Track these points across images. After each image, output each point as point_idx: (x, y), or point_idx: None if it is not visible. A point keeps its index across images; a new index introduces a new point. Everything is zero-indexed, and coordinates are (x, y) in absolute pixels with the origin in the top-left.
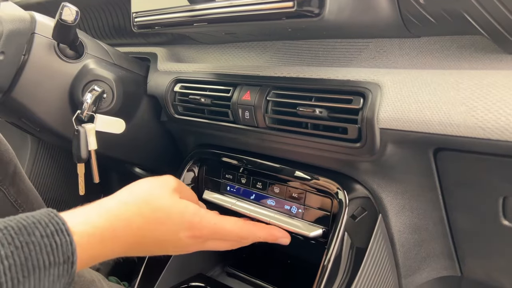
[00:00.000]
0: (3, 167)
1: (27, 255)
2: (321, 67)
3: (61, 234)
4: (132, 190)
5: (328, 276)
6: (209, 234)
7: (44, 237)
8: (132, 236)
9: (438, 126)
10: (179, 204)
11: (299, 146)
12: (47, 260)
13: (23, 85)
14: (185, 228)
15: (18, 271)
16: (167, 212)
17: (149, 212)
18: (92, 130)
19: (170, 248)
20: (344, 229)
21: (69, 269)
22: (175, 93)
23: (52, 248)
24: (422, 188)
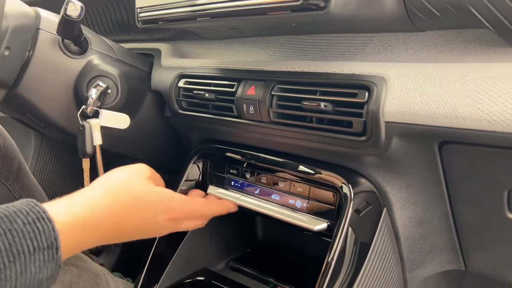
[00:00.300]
0: (8, 163)
1: (11, 241)
2: (326, 61)
3: (42, 221)
4: (110, 179)
5: (333, 270)
6: (183, 215)
7: (26, 224)
8: (113, 223)
9: (443, 119)
10: (156, 190)
11: (303, 140)
12: (31, 245)
13: (28, 80)
14: (162, 211)
15: (4, 256)
16: (145, 198)
17: (128, 200)
18: (97, 125)
19: (148, 231)
20: (349, 223)
21: (54, 254)
22: (179, 89)
23: (35, 234)
24: (427, 181)
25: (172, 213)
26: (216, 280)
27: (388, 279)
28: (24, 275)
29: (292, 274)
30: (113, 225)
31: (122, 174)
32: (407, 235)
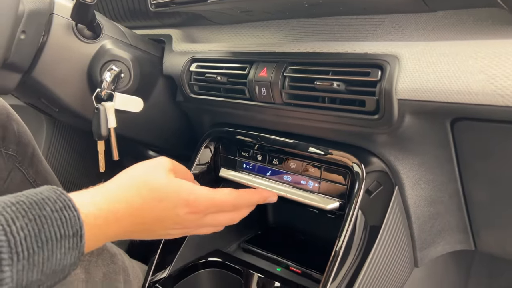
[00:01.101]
0: (22, 148)
1: (40, 227)
2: (338, 42)
3: (68, 209)
4: (130, 173)
5: (344, 249)
6: (205, 208)
7: (54, 212)
8: (133, 216)
9: (456, 95)
10: (174, 183)
11: (315, 121)
12: (58, 233)
13: (43, 65)
14: (181, 205)
15: (33, 241)
16: (163, 191)
17: (147, 193)
18: (112, 108)
19: (170, 225)
20: (361, 203)
21: (79, 242)
22: (191, 73)
23: (62, 222)
24: (438, 160)
25: (191, 207)
26: (228, 261)
27: (399, 258)
28: (51, 260)
29: (303, 255)
30: (134, 218)
31: (142, 168)
32: (418, 214)
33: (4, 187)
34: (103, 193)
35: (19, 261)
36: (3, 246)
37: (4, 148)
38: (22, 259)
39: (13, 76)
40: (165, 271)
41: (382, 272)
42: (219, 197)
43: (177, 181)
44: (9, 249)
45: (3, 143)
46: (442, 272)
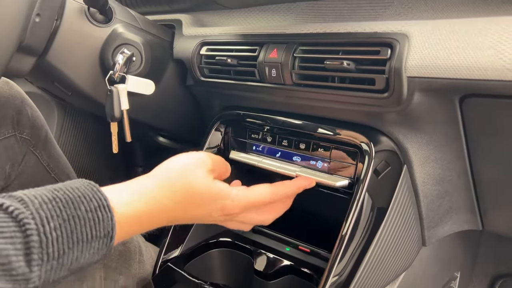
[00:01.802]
0: (36, 132)
1: (73, 228)
2: (348, 22)
3: (103, 210)
4: (169, 170)
5: (353, 226)
6: (240, 210)
7: (88, 212)
8: (167, 217)
9: (465, 71)
10: (213, 188)
11: (325, 101)
12: (89, 234)
13: (57, 49)
14: (217, 209)
15: (64, 242)
16: (200, 197)
17: (183, 196)
18: (124, 90)
19: (204, 222)
20: (370, 181)
21: (108, 243)
22: (201, 56)
23: (95, 223)
24: (447, 138)
25: (227, 209)
26: (238, 241)
27: (407, 236)
28: (79, 260)
29: (312, 235)
30: (168, 219)
31: (181, 165)
32: (426, 193)
33: (19, 170)
34: (140, 193)
35: (49, 262)
36: (35, 246)
37: (18, 132)
38: (52, 260)
39: (28, 59)
40: (176, 251)
41: (390, 250)
42: (255, 196)
43: (216, 187)
44: (40, 250)
45: (18, 127)
46: (450, 252)
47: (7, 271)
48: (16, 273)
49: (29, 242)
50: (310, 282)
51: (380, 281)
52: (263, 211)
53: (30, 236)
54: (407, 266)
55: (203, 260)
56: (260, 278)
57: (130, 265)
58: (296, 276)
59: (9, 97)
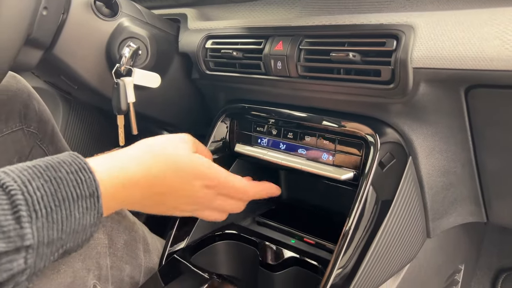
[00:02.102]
0: (43, 126)
1: (56, 187)
2: (353, 15)
3: (84, 172)
4: (150, 142)
5: (357, 220)
6: (219, 186)
7: (69, 174)
8: (150, 182)
9: (471, 61)
10: (193, 156)
11: (330, 92)
12: (74, 193)
13: (63, 42)
14: (198, 177)
15: (50, 200)
16: (182, 161)
17: (165, 162)
18: (131, 83)
19: (183, 198)
20: (374, 174)
21: (96, 203)
22: (207, 50)
23: (78, 183)
24: (452, 129)
25: (207, 180)
26: (244, 233)
27: (411, 228)
28: (70, 219)
29: (316, 227)
30: (149, 185)
31: (163, 139)
32: (431, 184)
33: None
34: (120, 158)
35: (38, 219)
36: (21, 204)
37: (26, 126)
38: (41, 217)
39: (35, 52)
40: (182, 243)
41: (394, 241)
42: (234, 178)
43: (196, 155)
44: (27, 207)
45: (25, 121)
46: (454, 244)
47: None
48: (7, 229)
49: (14, 201)
50: (315, 273)
51: (385, 272)
52: (234, 200)
53: (14, 195)
54: (411, 258)
55: (209, 252)
56: (266, 269)
57: (137, 255)
58: (301, 267)
59: (16, 91)
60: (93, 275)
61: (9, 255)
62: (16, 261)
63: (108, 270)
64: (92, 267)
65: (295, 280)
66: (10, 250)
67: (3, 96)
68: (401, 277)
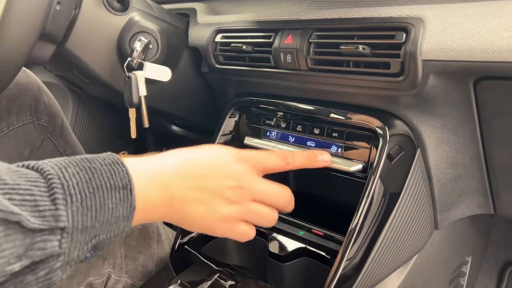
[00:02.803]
0: (52, 119)
1: (91, 175)
2: (362, 8)
3: (117, 165)
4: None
5: (366, 211)
6: (255, 155)
7: (103, 165)
8: (180, 167)
9: (480, 53)
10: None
11: (340, 85)
12: (108, 183)
13: (76, 37)
14: (230, 153)
15: (85, 187)
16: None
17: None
18: (142, 76)
19: (221, 179)
20: (384, 164)
21: (129, 195)
22: (216, 44)
23: (111, 174)
24: (460, 121)
25: (240, 153)
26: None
27: (420, 219)
28: (103, 208)
29: (325, 219)
30: (181, 169)
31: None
32: (439, 176)
33: (37, 156)
34: (153, 156)
35: (73, 203)
36: (58, 187)
37: (36, 119)
38: (76, 201)
39: (49, 47)
40: (193, 234)
41: (402, 233)
42: (269, 153)
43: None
44: (62, 191)
45: (36, 114)
46: (462, 236)
47: (35, 207)
48: (43, 209)
49: (51, 184)
50: (324, 264)
51: (393, 263)
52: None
53: (51, 179)
54: (419, 249)
55: (218, 243)
56: (275, 260)
57: (150, 245)
58: (310, 258)
59: (26, 85)
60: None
61: (44, 234)
62: (51, 241)
63: (123, 259)
64: (108, 255)
65: (304, 271)
66: (45, 228)
67: (14, 90)
68: (408, 268)
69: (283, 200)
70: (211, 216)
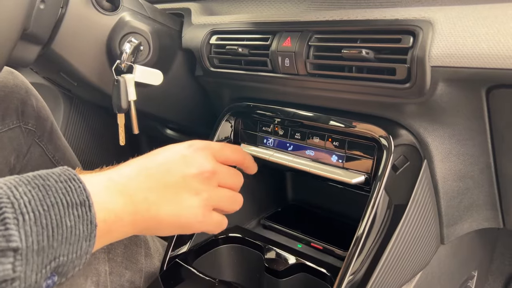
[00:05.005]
0: (41, 123)
1: (44, 193)
2: (366, 9)
3: (73, 181)
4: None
5: (370, 225)
6: (208, 144)
7: (58, 182)
8: (140, 171)
9: (495, 60)
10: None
11: (341, 91)
12: (64, 200)
13: (62, 37)
14: (184, 144)
15: (38, 204)
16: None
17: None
18: (132, 80)
19: (180, 167)
20: (388, 178)
21: (88, 212)
22: (211, 46)
23: (67, 191)
24: (471, 131)
25: (194, 142)
26: (248, 237)
27: (425, 234)
28: (60, 226)
29: (324, 232)
30: (141, 173)
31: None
32: (447, 189)
33: (24, 162)
34: (111, 169)
35: (25, 222)
36: (7, 207)
37: (23, 123)
38: (29, 220)
39: (33, 48)
40: (185, 246)
41: (408, 248)
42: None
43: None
44: (13, 210)
45: (23, 118)
46: (468, 250)
47: None
48: None
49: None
50: (323, 280)
51: (397, 280)
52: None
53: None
54: (425, 265)
55: (212, 256)
56: (271, 275)
57: (137, 260)
58: (308, 274)
59: (13, 87)
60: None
61: None
62: (2, 264)
63: (107, 276)
64: (90, 273)
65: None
66: None
67: (0, 93)
68: (413, 285)
69: (241, 181)
70: (181, 213)
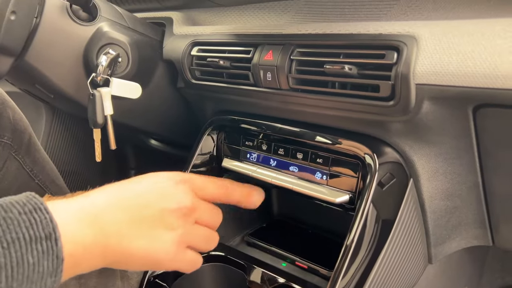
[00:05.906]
0: (18, 135)
1: (5, 228)
2: (350, 22)
3: (39, 211)
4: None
5: (356, 244)
6: (190, 177)
7: (22, 214)
8: (111, 198)
9: (482, 79)
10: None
11: (324, 107)
12: (26, 234)
13: (36, 48)
14: (168, 177)
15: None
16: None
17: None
18: (108, 94)
19: (156, 198)
20: (373, 196)
21: (54, 246)
22: (192, 57)
23: (31, 223)
24: (458, 150)
25: (175, 174)
26: (231, 255)
27: (412, 254)
28: (21, 265)
29: (309, 250)
30: (113, 200)
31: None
32: (434, 208)
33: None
34: (81, 195)
35: None
36: None
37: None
38: None
39: (5, 60)
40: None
41: (395, 269)
42: (211, 181)
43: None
44: None
45: None
46: (457, 268)
47: None
48: None
49: None
50: None
51: None
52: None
53: None
54: (412, 285)
55: (193, 276)
56: None
57: (113, 283)
58: None
59: None
60: None
61: None
62: None
63: None
64: None
65: None
66: None
67: None
68: None
69: (219, 219)
70: (154, 249)
